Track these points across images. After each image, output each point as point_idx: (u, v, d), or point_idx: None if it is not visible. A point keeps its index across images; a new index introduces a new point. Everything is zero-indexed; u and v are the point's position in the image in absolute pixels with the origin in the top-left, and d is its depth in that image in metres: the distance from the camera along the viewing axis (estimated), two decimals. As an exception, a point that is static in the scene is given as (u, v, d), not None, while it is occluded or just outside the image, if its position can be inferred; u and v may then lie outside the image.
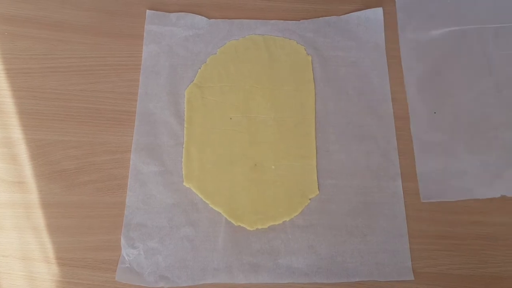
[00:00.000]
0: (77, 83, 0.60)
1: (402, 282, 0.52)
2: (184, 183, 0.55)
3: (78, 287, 0.51)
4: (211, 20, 0.64)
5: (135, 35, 0.62)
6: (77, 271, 0.51)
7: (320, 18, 0.64)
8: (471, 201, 0.56)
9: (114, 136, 0.57)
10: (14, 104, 0.58)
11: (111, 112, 0.58)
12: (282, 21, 0.65)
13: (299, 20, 0.65)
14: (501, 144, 0.58)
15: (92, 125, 0.58)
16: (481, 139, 0.58)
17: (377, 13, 0.65)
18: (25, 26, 0.62)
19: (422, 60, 0.63)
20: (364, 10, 0.65)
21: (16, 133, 0.57)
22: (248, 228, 0.53)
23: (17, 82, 0.59)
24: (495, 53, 0.63)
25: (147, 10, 0.63)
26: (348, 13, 0.65)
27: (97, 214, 0.54)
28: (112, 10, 0.64)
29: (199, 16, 0.64)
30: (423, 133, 0.59)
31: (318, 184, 0.56)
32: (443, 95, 0.61)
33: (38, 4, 0.63)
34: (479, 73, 0.62)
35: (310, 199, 0.55)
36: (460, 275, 0.53)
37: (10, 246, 0.52)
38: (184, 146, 0.57)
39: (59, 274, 0.51)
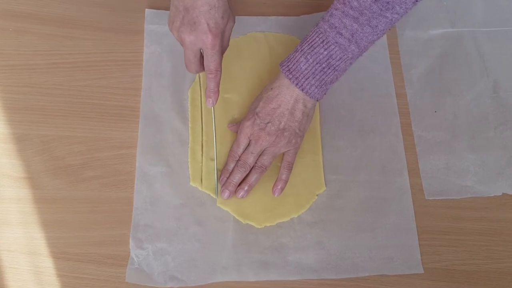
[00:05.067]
0: (81, 78, 0.59)
1: (408, 277, 0.52)
2: (191, 183, 0.55)
3: (83, 282, 0.51)
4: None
5: (138, 30, 0.62)
6: (82, 266, 0.51)
7: (320, 13, 0.64)
8: (476, 197, 0.56)
9: (118, 131, 0.57)
10: (19, 100, 0.58)
11: (115, 107, 0.58)
12: (282, 17, 0.65)
13: (299, 16, 0.65)
14: (501, 143, 0.58)
15: (96, 120, 0.58)
16: (481, 138, 0.59)
17: None
18: (29, 22, 0.62)
19: (421, 58, 0.63)
20: None
21: (21, 129, 0.57)
22: (256, 226, 0.53)
23: (21, 78, 0.59)
24: (490, 55, 0.63)
25: (146, 9, 0.63)
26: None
27: (102, 210, 0.54)
28: (114, 5, 0.64)
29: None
30: (425, 132, 0.59)
31: (325, 180, 0.56)
32: (443, 94, 0.61)
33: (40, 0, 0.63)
34: (476, 74, 0.62)
35: (317, 195, 0.55)
36: (465, 271, 0.53)
37: (16, 241, 0.52)
38: (189, 145, 0.57)
39: (64, 269, 0.51)
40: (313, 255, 0.52)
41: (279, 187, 0.54)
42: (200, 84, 0.60)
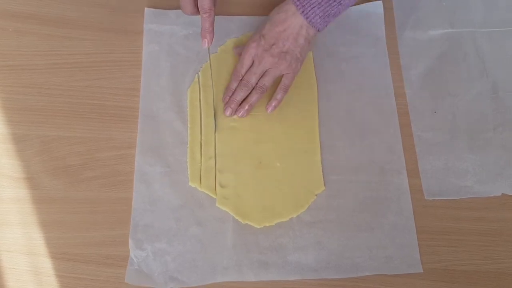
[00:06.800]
0: (81, 79, 0.59)
1: (408, 277, 0.52)
2: (190, 183, 0.55)
3: (82, 282, 0.51)
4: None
5: (138, 30, 0.62)
6: (81, 266, 0.51)
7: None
8: (475, 197, 0.56)
9: (118, 132, 0.57)
10: (18, 100, 0.58)
11: (115, 108, 0.58)
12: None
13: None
14: (500, 144, 0.58)
15: (96, 121, 0.58)
16: (480, 138, 0.59)
17: (377, 7, 0.65)
18: (29, 22, 0.62)
19: (421, 59, 0.63)
20: (364, 4, 0.65)
21: (21, 129, 0.57)
22: (256, 226, 0.53)
23: (21, 79, 0.59)
24: (489, 56, 0.63)
25: (146, 8, 0.63)
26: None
27: (101, 210, 0.54)
28: (114, 5, 0.64)
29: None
30: (424, 132, 0.59)
31: (324, 180, 0.56)
32: (442, 95, 0.61)
33: (40, 0, 0.63)
34: (475, 75, 0.62)
35: (316, 195, 0.55)
36: (464, 271, 0.53)
37: (16, 241, 0.52)
38: (188, 146, 0.57)
39: (64, 269, 0.51)
40: (313, 255, 0.52)
41: (273, 104, 0.58)
42: (199, 84, 0.60)
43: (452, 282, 0.52)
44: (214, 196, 0.55)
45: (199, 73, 0.61)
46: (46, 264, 0.51)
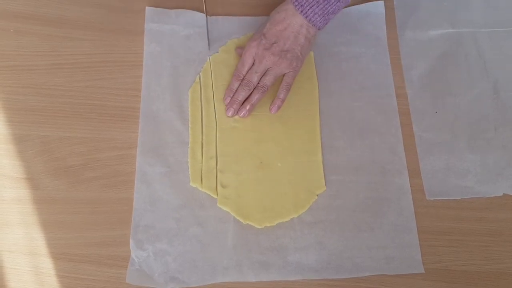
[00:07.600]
0: (82, 79, 0.59)
1: (409, 277, 0.52)
2: (191, 183, 0.55)
3: (83, 283, 0.51)
4: (212, 17, 0.64)
5: (139, 31, 0.62)
6: (82, 267, 0.52)
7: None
8: (476, 197, 0.56)
9: (119, 132, 0.57)
10: (19, 100, 0.58)
11: (116, 108, 0.58)
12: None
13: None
14: (501, 144, 0.58)
15: (97, 121, 0.58)
16: (481, 139, 0.59)
17: (378, 6, 0.65)
18: (29, 23, 0.62)
19: (421, 59, 0.63)
20: (365, 4, 0.65)
21: (22, 129, 0.57)
22: (257, 226, 0.53)
23: (22, 79, 0.59)
24: (490, 56, 0.63)
25: (147, 7, 0.63)
26: (349, 7, 0.65)
27: (102, 210, 0.54)
28: (114, 6, 0.64)
29: (199, 13, 0.63)
30: (426, 132, 0.59)
31: (325, 180, 0.56)
32: (443, 95, 0.61)
33: (40, 0, 0.63)
34: (476, 75, 0.62)
35: (317, 195, 0.55)
36: (465, 271, 0.53)
37: (16, 241, 0.52)
38: (189, 146, 0.57)
39: (65, 270, 0.51)
40: (313, 255, 0.52)
41: (276, 104, 0.58)
42: (200, 84, 0.60)
43: (453, 283, 0.52)
44: (215, 196, 0.55)
45: (200, 73, 0.61)
46: (47, 265, 0.51)
